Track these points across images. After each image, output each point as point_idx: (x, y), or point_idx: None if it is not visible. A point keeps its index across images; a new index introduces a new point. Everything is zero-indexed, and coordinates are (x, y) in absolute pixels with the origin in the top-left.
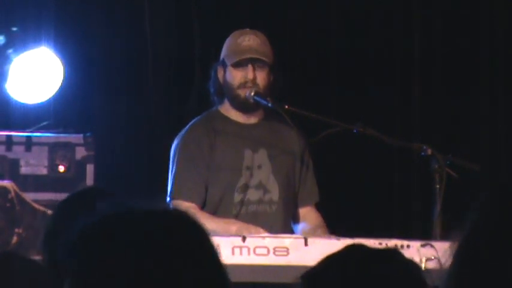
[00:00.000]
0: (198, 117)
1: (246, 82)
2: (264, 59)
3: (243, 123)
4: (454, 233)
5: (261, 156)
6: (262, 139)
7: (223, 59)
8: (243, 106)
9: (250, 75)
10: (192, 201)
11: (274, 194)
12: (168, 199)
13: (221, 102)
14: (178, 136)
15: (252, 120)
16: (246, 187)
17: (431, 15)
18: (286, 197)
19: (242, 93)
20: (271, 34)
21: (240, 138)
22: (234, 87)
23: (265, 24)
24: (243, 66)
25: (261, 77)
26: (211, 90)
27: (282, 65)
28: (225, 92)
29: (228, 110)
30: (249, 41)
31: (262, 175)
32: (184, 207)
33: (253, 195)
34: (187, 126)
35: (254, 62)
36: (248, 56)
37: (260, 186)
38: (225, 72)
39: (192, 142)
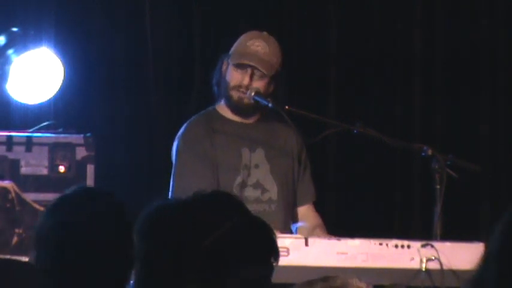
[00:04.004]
0: (195, 115)
1: (240, 86)
2: (262, 70)
3: (240, 122)
4: (487, 235)
5: (259, 156)
6: (260, 139)
7: (230, 54)
8: (234, 106)
9: (245, 81)
10: None
11: (273, 193)
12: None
13: (219, 95)
14: (177, 137)
15: (249, 120)
16: (243, 185)
17: (432, 15)
18: (284, 196)
19: (235, 95)
20: (271, 34)
21: (237, 137)
22: (229, 86)
23: (265, 23)
24: (243, 68)
25: (257, 86)
26: (213, 79)
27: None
28: (222, 86)
29: (225, 110)
30: (257, 46)
31: (259, 174)
32: None
33: (250, 194)
34: (185, 125)
35: (254, 68)
36: (249, 62)
37: (258, 185)
38: (227, 67)
39: (192, 139)
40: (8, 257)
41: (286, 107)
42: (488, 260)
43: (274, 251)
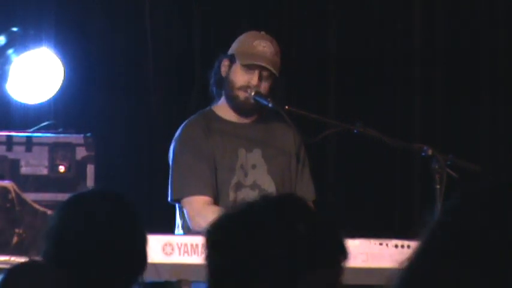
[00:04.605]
0: (192, 116)
1: (248, 86)
2: (274, 71)
3: (237, 122)
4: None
5: (256, 156)
6: (257, 139)
7: (232, 54)
8: (239, 107)
9: (254, 82)
10: (204, 195)
11: (272, 193)
12: (171, 199)
13: (219, 95)
14: (174, 139)
15: (246, 120)
16: (239, 186)
17: (432, 15)
18: None
19: (241, 95)
20: (270, 33)
21: (234, 137)
22: (235, 86)
23: (265, 23)
24: (251, 69)
25: (264, 86)
26: (212, 80)
27: (281, 65)
28: (224, 87)
29: (222, 110)
30: (264, 47)
31: (257, 175)
32: (196, 202)
33: (248, 194)
34: (181, 126)
35: (262, 69)
36: (261, 63)
37: (255, 186)
38: (230, 67)
39: (190, 140)
40: (7, 257)
41: (286, 107)
42: (421, 255)
43: (344, 253)
